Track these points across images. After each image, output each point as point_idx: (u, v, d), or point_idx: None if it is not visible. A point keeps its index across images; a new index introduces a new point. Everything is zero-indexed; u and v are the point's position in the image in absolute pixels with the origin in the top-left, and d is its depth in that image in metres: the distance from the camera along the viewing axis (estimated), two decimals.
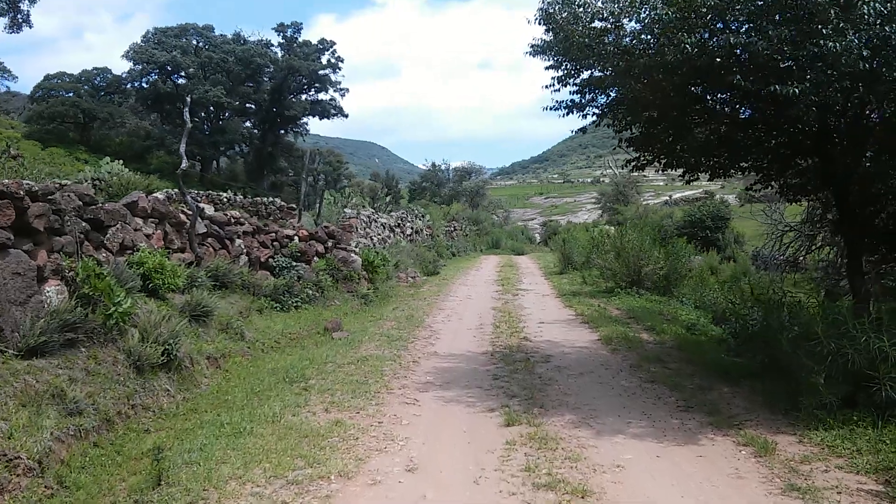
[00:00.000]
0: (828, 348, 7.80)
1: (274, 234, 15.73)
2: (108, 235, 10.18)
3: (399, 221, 28.79)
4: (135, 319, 9.18)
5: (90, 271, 8.69)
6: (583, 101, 9.68)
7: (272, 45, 68.19)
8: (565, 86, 9.51)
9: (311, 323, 13.73)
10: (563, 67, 9.28)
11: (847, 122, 8.11)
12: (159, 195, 12.07)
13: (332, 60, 67.69)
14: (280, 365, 10.33)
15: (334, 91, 68.00)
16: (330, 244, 17.11)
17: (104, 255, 9.94)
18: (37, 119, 58.74)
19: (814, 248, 22.05)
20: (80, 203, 9.56)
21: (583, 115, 9.97)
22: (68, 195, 9.36)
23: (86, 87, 66.02)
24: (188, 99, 13.22)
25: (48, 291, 8.30)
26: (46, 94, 63.43)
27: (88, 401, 7.34)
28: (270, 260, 15.34)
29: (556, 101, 9.79)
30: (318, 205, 19.07)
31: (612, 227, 52.24)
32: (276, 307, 14.07)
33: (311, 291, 15.15)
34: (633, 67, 8.17)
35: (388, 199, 33.76)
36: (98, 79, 67.65)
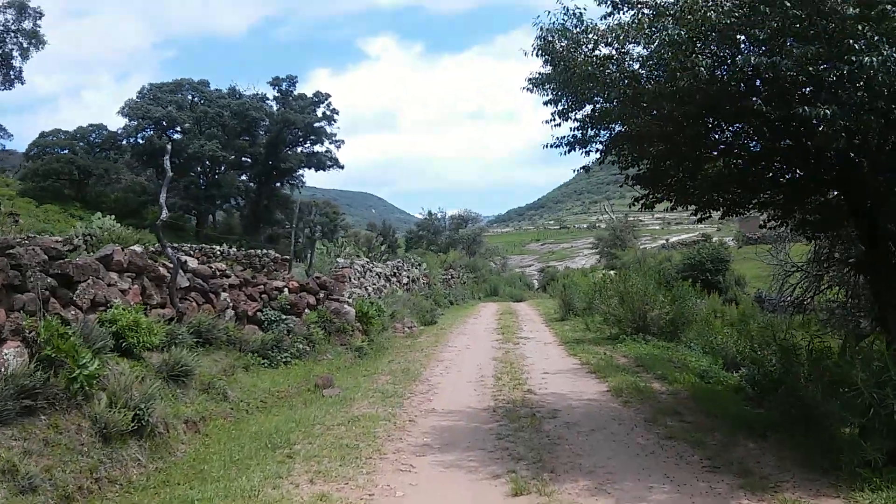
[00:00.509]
0: (868, 399, 6.98)
1: (262, 287, 14.92)
2: (77, 291, 9.38)
3: (395, 270, 28.02)
4: (103, 382, 8.33)
5: (53, 331, 7.88)
6: (585, 136, 8.96)
7: (267, 99, 68.25)
8: (566, 119, 8.82)
9: (301, 379, 12.85)
10: (563, 101, 8.59)
11: (879, 146, 7.37)
12: (136, 248, 11.32)
13: (328, 113, 67.63)
14: (265, 428, 9.45)
15: (330, 143, 67.84)
16: (322, 295, 16.29)
17: (73, 312, 9.13)
18: (32, 176, 58.18)
19: (822, 288, 21.29)
20: (46, 257, 8.77)
21: (585, 152, 9.27)
22: (32, 249, 8.58)
23: (81, 143, 65.56)
24: (168, 147, 12.59)
25: (6, 354, 7.47)
26: (42, 151, 62.98)
27: (45, 476, 6.50)
28: (258, 313, 14.51)
29: (557, 138, 9.10)
30: (309, 255, 18.27)
31: (612, 272, 51.74)
32: (263, 363, 13.19)
33: (301, 345, 14.29)
34: (641, 96, 7.48)
35: (383, 247, 32.98)
36: (94, 135, 67.30)
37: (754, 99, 6.51)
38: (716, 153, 8.55)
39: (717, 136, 8.36)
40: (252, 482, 6.86)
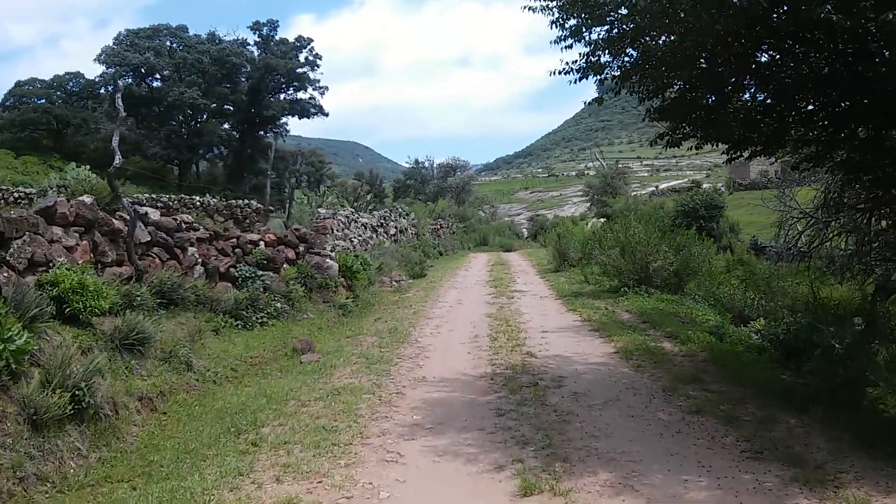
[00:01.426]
0: None
1: (235, 240, 13.58)
2: (11, 250, 8.06)
3: (382, 221, 26.64)
4: (38, 357, 7.08)
5: None
6: (600, 61, 7.54)
7: (248, 45, 65.75)
8: (579, 40, 7.41)
9: (278, 342, 11.61)
10: (575, 17, 7.17)
11: None
12: (86, 198, 9.93)
13: (310, 58, 65.26)
14: (232, 403, 8.23)
15: (313, 89, 65.56)
16: (301, 249, 14.97)
17: (5, 274, 7.81)
18: (8, 127, 56.10)
19: (831, 235, 20.17)
20: None
21: (600, 81, 7.86)
22: None
23: (58, 92, 63.27)
24: (119, 83, 11.05)
25: None
26: (18, 101, 60.75)
27: None
28: (232, 270, 13.20)
29: (567, 63, 7.69)
30: (287, 206, 16.83)
31: (602, 219, 50.46)
32: (237, 325, 11.92)
33: (279, 304, 13.02)
34: (677, 3, 6.04)
35: (368, 196, 31.51)
36: (71, 84, 64.96)
37: (825, 7, 5.16)
38: (754, 80, 7.19)
39: (760, 58, 6.98)
40: (206, 482, 5.65)
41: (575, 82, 7.73)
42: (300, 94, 65.97)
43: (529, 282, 21.36)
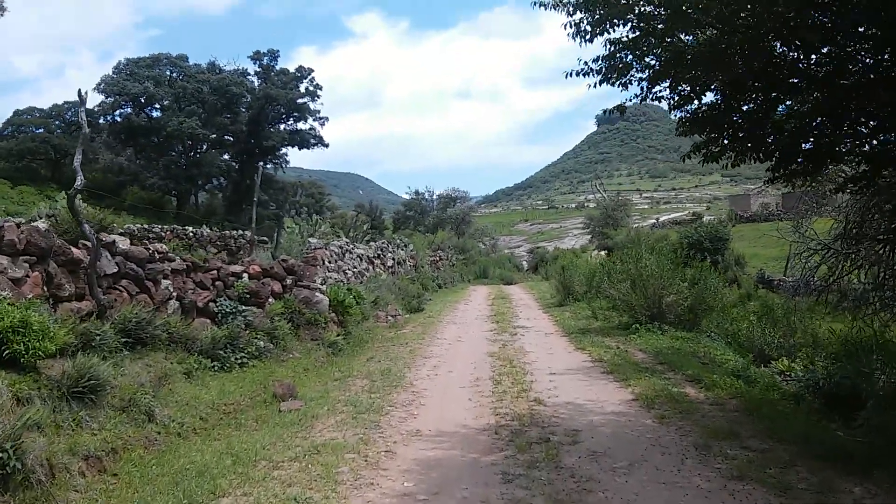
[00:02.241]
0: None
1: (216, 272, 12.41)
2: None
3: (379, 252, 25.47)
4: None
5: None
6: (625, 60, 6.40)
7: (249, 74, 65.01)
8: (601, 33, 6.28)
9: (258, 386, 10.38)
10: (597, 9, 6.05)
11: None
12: (40, 224, 8.78)
13: (311, 88, 64.46)
14: (194, 462, 7.00)
15: (313, 120, 64.59)
16: (289, 282, 13.80)
17: None
18: (6, 156, 55.14)
19: (853, 268, 19.10)
20: None
21: (623, 84, 6.71)
22: None
23: (57, 122, 62.48)
24: (83, 92, 9.91)
25: None
26: (16, 129, 59.96)
27: None
28: (211, 304, 12.02)
29: (585, 63, 6.56)
30: (276, 235, 15.64)
31: (603, 252, 49.31)
32: (213, 366, 10.71)
33: (262, 342, 11.83)
34: None
35: (365, 227, 30.31)
36: (70, 113, 63.97)
37: None
38: (807, 82, 6.05)
39: (819, 51, 5.84)
40: None
41: (595, 86, 6.62)
42: (300, 125, 65.10)
43: (533, 317, 20.16)
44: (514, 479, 6.30)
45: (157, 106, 61.35)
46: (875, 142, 6.69)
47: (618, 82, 6.60)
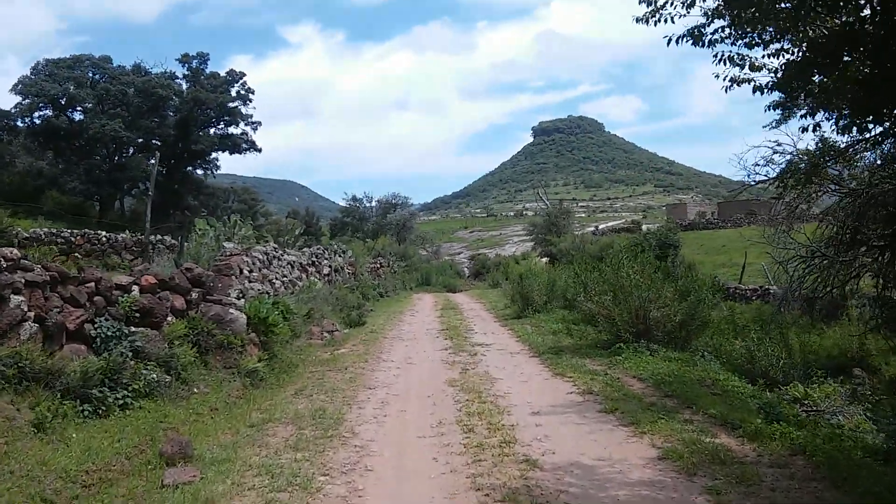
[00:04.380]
0: None
1: (93, 285, 9.29)
2: None
3: (314, 259, 22.36)
4: None
5: None
6: None
7: (177, 78, 60.89)
8: None
9: (142, 438, 7.38)
10: None
11: None
12: None
13: (242, 92, 60.71)
14: None
15: (245, 124, 60.83)
16: (195, 296, 10.73)
17: None
18: None
19: (851, 275, 16.91)
20: None
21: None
22: None
23: None
24: None
25: None
26: None
27: None
28: (87, 327, 8.93)
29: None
30: (180, 239, 12.42)
31: (545, 259, 47.01)
32: (83, 411, 7.69)
33: (154, 375, 8.79)
34: None
35: (297, 231, 27.07)
36: None
37: None
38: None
39: None
40: None
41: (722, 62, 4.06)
42: (231, 129, 61.31)
43: (490, 331, 17.38)
44: None
45: (80, 108, 56.98)
46: None
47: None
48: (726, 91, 6.14)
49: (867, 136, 14.77)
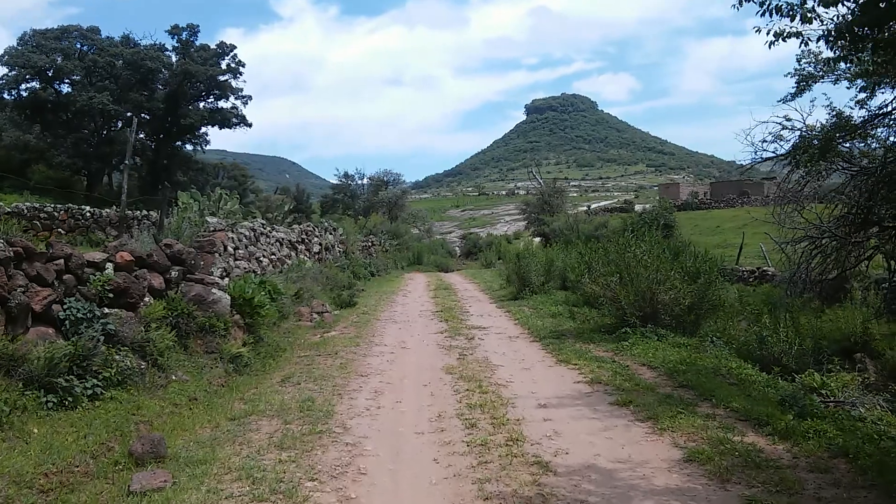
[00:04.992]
0: None
1: (62, 262, 8.49)
2: None
3: (303, 236, 21.53)
4: None
5: None
6: None
7: (166, 50, 59.43)
8: None
9: (111, 434, 6.65)
10: None
11: None
12: None
13: (233, 65, 59.41)
14: None
15: (236, 98, 59.52)
16: (174, 274, 9.94)
17: None
18: None
19: (863, 256, 16.28)
20: None
21: None
22: None
23: None
24: None
25: None
26: None
27: None
28: (55, 308, 8.16)
29: None
30: (160, 213, 11.62)
31: (538, 239, 46.30)
32: (46, 403, 6.94)
33: (128, 361, 8.03)
34: None
35: (287, 208, 26.08)
36: None
37: None
38: None
39: None
40: None
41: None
42: (221, 103, 60.04)
43: (486, 313, 16.68)
44: None
45: (67, 80, 55.62)
46: None
47: None
48: (770, 46, 5.43)
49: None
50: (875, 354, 14.35)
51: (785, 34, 5.30)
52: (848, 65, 8.18)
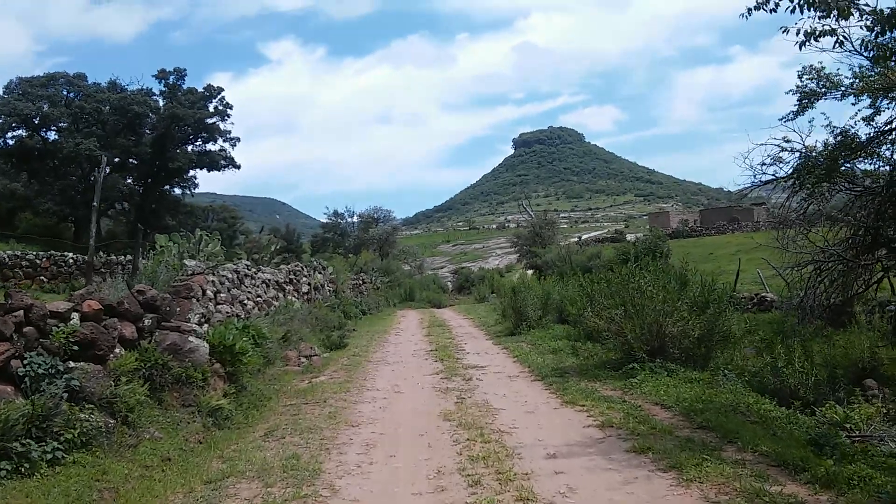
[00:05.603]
0: None
1: (22, 314, 7.73)
2: None
3: (291, 277, 20.78)
4: None
5: None
6: None
7: (153, 94, 58.99)
8: None
9: None
10: None
11: None
12: None
13: (220, 108, 58.99)
14: None
15: (224, 140, 59.01)
16: (147, 322, 9.16)
17: None
18: None
19: (872, 281, 15.73)
20: None
21: None
22: None
23: None
24: None
25: None
26: None
27: None
28: (14, 363, 7.37)
29: None
30: (133, 256, 10.82)
31: (530, 271, 45.59)
32: None
33: (95, 420, 7.24)
34: None
35: (274, 248, 25.33)
36: None
37: None
38: None
39: None
40: None
41: None
42: (210, 146, 59.48)
43: (483, 350, 15.90)
44: None
45: (54, 128, 55.06)
46: None
47: None
48: (800, 47, 4.81)
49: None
50: (885, 379, 13.70)
51: (818, 33, 4.67)
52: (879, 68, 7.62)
